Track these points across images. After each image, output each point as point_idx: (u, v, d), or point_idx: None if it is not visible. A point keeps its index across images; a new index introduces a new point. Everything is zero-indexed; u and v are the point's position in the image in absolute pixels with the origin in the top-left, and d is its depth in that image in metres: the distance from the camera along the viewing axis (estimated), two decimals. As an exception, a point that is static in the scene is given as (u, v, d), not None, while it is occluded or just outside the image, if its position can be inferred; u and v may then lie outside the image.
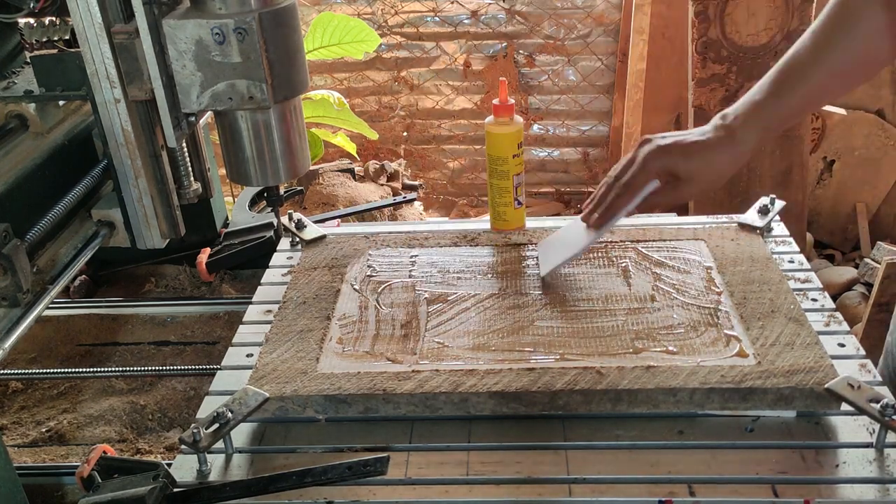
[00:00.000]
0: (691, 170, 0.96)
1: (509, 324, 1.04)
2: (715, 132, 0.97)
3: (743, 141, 0.95)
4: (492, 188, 1.25)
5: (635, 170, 0.98)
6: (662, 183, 0.98)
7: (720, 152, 0.96)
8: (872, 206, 2.65)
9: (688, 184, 0.98)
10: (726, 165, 0.97)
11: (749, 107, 0.96)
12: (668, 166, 0.97)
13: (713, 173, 0.98)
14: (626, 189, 0.99)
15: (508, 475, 0.86)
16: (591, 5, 2.88)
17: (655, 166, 0.97)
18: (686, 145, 0.96)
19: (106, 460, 0.93)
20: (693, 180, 0.97)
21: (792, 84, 0.95)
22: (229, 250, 1.64)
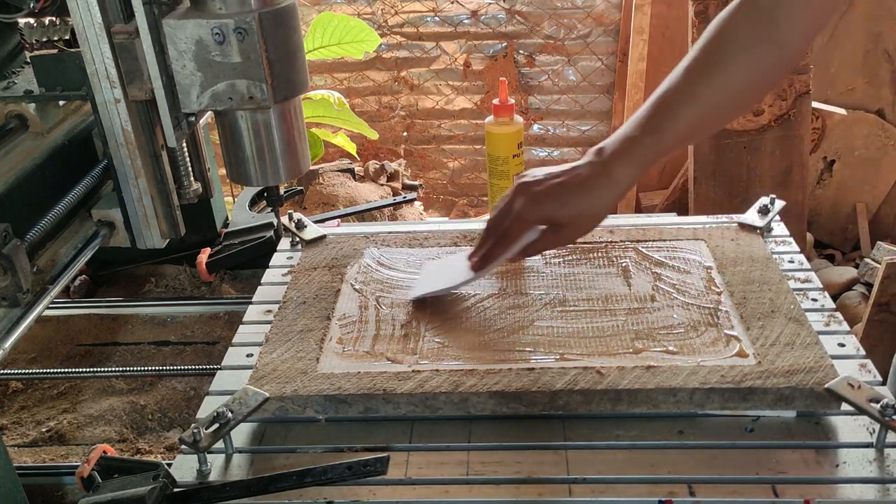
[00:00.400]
0: (570, 215, 0.95)
1: (509, 324, 1.04)
2: (591, 170, 0.94)
3: (619, 179, 0.93)
4: (492, 188, 1.25)
5: (512, 220, 0.97)
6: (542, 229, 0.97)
7: (597, 193, 0.94)
8: (872, 206, 2.65)
9: (568, 228, 0.96)
10: (604, 205, 0.95)
11: (623, 143, 0.93)
12: (545, 215, 0.95)
13: (592, 215, 0.96)
14: (504, 238, 0.98)
15: (508, 475, 0.86)
16: (591, 5, 2.88)
17: (532, 217, 0.96)
18: (562, 190, 0.94)
19: (106, 460, 0.93)
20: (572, 224, 0.96)
21: (666, 120, 0.92)
22: (229, 250, 1.64)
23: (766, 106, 2.27)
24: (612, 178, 0.93)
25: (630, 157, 0.93)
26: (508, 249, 0.98)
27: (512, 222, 0.96)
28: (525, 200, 0.95)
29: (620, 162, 0.93)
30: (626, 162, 0.93)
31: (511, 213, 0.97)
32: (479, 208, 3.19)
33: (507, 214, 0.97)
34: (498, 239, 0.99)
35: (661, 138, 0.92)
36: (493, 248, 1.00)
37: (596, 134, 3.07)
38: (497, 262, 1.01)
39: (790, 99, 2.26)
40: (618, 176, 0.93)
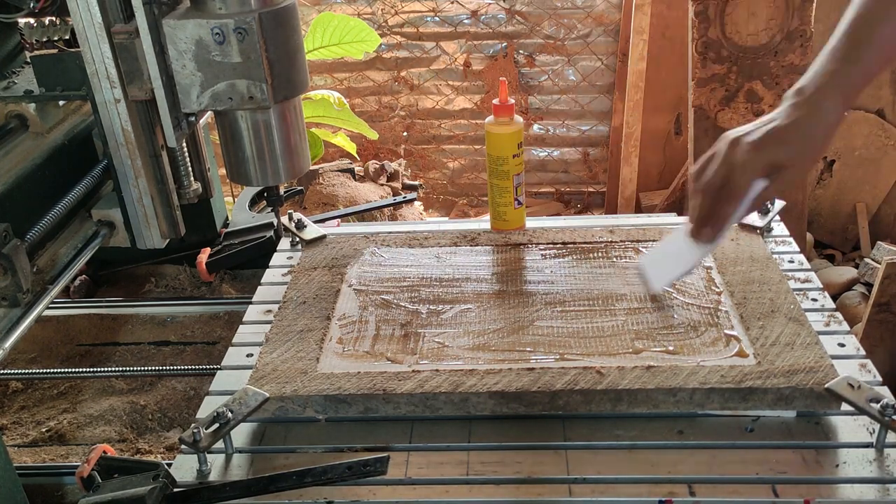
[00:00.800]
0: (793, 155, 0.91)
1: (509, 324, 1.04)
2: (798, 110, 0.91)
3: (829, 111, 0.90)
4: (492, 188, 1.25)
5: (736, 173, 0.91)
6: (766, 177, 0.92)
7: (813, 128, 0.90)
8: (872, 206, 2.65)
9: (792, 170, 0.91)
10: (822, 140, 0.91)
11: (824, 77, 0.91)
12: (769, 160, 0.91)
13: (813, 151, 0.92)
14: (731, 195, 0.92)
15: (508, 475, 0.86)
16: (591, 5, 2.88)
17: (757, 165, 0.91)
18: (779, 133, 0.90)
19: (106, 460, 0.93)
20: (797, 165, 0.92)
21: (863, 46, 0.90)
22: (229, 250, 1.64)
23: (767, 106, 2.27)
24: (822, 112, 0.90)
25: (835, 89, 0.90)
26: (738, 207, 0.92)
27: (737, 176, 0.91)
28: (746, 150, 0.91)
29: (825, 96, 0.90)
30: (832, 95, 0.90)
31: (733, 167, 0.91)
32: (479, 208, 3.19)
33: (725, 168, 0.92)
34: (724, 198, 0.93)
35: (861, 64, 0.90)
36: (723, 209, 0.93)
37: (596, 134, 3.07)
38: (730, 222, 0.94)
39: (790, 99, 2.25)
40: (827, 110, 0.90)
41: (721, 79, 2.24)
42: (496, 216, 1.27)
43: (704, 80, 2.24)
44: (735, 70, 2.24)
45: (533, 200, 3.13)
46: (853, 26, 0.91)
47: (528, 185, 2.97)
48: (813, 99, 0.90)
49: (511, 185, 1.24)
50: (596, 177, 3.13)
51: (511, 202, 1.25)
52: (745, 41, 2.19)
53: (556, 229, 1.24)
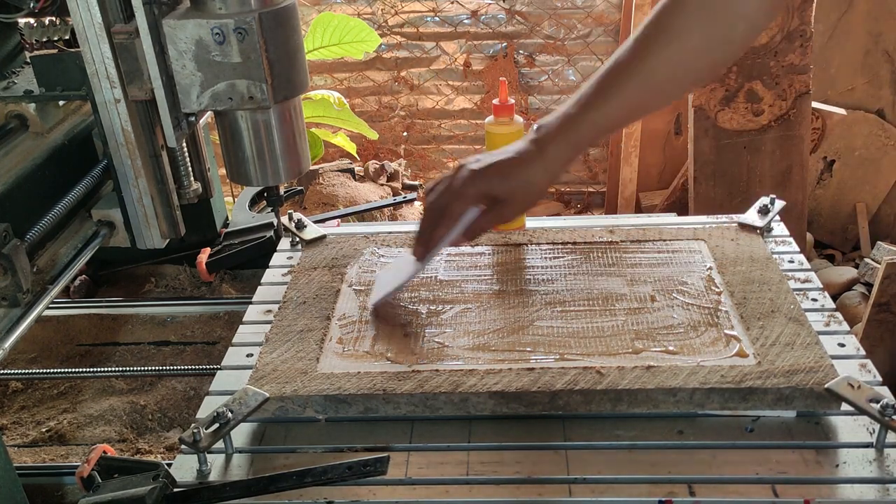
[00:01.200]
0: (509, 190, 0.93)
1: (509, 324, 1.04)
2: (527, 147, 0.94)
3: (554, 157, 0.92)
4: (492, 188, 1.25)
5: (452, 198, 0.95)
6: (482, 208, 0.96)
7: (534, 169, 0.93)
8: (872, 206, 2.65)
9: (508, 204, 0.95)
10: (541, 182, 0.94)
11: (561, 120, 0.93)
12: (485, 190, 0.94)
13: (530, 191, 0.94)
14: (444, 219, 0.96)
15: (508, 475, 0.86)
16: (591, 5, 2.88)
17: (472, 192, 0.94)
18: (501, 166, 0.93)
19: (106, 460, 0.93)
20: (512, 200, 0.95)
21: (604, 98, 0.91)
22: (229, 250, 1.64)
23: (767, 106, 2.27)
24: (545, 155, 0.92)
25: (564, 135, 0.92)
26: (450, 230, 0.96)
27: (451, 200, 0.95)
28: (464, 178, 0.94)
29: (554, 140, 0.92)
30: (560, 140, 0.92)
31: (451, 191, 0.95)
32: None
33: (445, 194, 0.96)
34: (438, 221, 0.97)
35: (596, 117, 0.91)
36: (435, 231, 0.97)
37: (596, 134, 3.07)
38: (439, 245, 0.98)
39: (790, 99, 2.26)
40: (551, 154, 0.92)
41: (721, 79, 2.25)
42: (496, 216, 1.27)
43: (704, 80, 2.24)
44: (735, 70, 2.24)
45: (533, 200, 3.13)
46: (604, 76, 0.92)
47: (528, 185, 2.96)
48: (543, 140, 0.92)
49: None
50: (596, 177, 3.14)
51: (511, 202, 1.25)
52: (745, 41, 2.19)
53: (556, 229, 1.24)
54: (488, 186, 0.94)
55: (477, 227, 0.97)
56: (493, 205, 0.95)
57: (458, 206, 0.95)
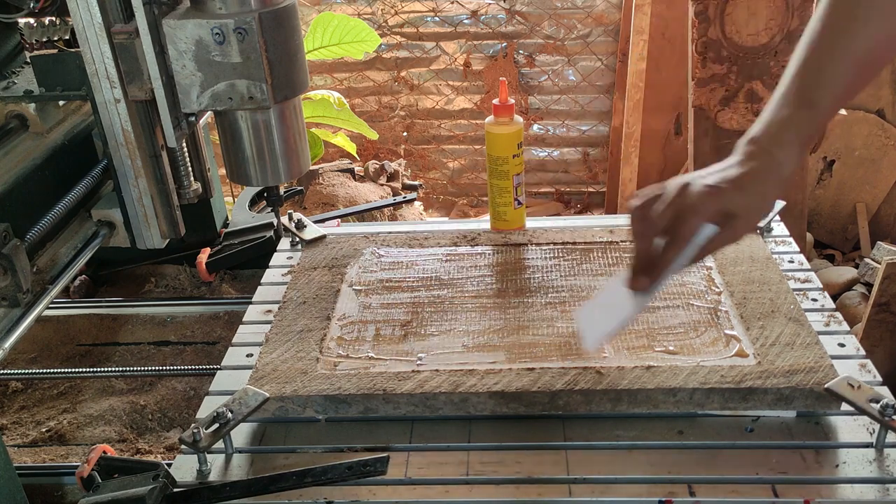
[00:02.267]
0: (747, 205, 0.85)
1: (509, 324, 1.04)
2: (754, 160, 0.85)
3: (785, 163, 0.85)
4: (492, 188, 1.25)
5: (686, 215, 0.84)
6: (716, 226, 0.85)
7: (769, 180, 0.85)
8: (872, 206, 2.65)
9: (743, 220, 0.85)
10: (775, 192, 0.86)
11: (778, 125, 0.86)
12: (723, 206, 0.84)
13: (765, 203, 0.86)
14: (676, 238, 0.84)
15: (508, 475, 0.86)
16: (591, 5, 2.88)
17: (710, 208, 0.83)
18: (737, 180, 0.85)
19: (106, 460, 0.93)
20: (748, 215, 0.86)
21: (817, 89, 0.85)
22: (229, 250, 1.64)
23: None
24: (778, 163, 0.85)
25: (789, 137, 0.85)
26: (682, 253, 0.84)
27: (686, 218, 0.84)
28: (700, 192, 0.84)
29: (781, 145, 0.85)
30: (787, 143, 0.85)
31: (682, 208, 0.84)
32: (479, 208, 3.19)
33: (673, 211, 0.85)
34: (668, 242, 0.85)
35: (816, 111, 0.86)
36: (664, 255, 0.85)
37: (596, 134, 3.07)
38: (670, 271, 0.85)
39: (790, 99, 2.25)
40: (783, 160, 0.85)
41: (721, 79, 2.25)
42: (496, 216, 1.27)
43: (704, 80, 2.24)
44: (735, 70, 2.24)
45: (533, 200, 3.14)
46: (802, 69, 0.86)
47: (528, 185, 2.97)
48: (768, 149, 0.86)
49: (511, 185, 1.24)
50: (596, 177, 3.14)
51: (511, 202, 1.25)
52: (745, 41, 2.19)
53: (556, 229, 1.24)
54: (729, 202, 0.84)
55: (710, 247, 0.86)
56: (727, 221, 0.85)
57: (693, 224, 0.84)
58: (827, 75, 0.85)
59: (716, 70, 2.23)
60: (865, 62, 0.86)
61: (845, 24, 0.85)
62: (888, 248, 2.26)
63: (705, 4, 2.16)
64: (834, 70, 0.85)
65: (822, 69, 0.85)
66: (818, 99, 0.85)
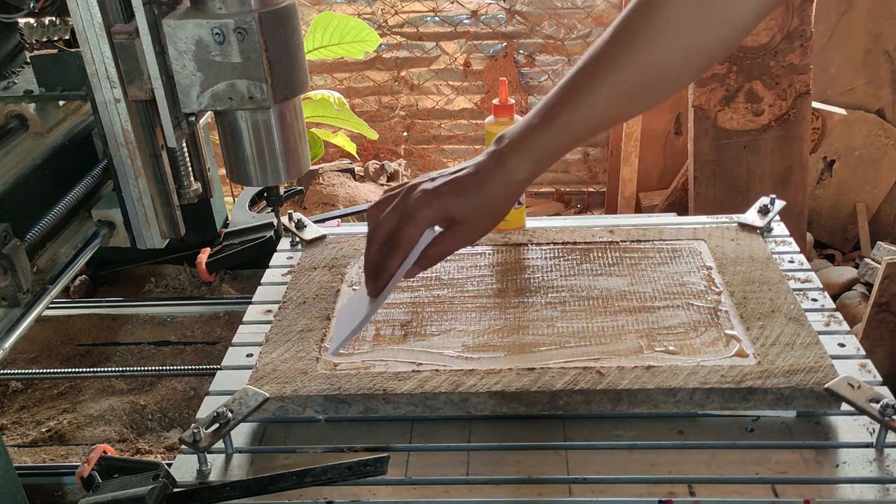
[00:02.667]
0: (467, 209, 0.83)
1: (509, 324, 1.04)
2: (486, 161, 0.84)
3: (513, 171, 0.83)
4: (492, 188, 1.25)
5: (404, 223, 0.83)
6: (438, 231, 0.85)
7: (494, 185, 0.83)
8: (872, 206, 2.65)
9: (465, 225, 0.84)
10: (502, 199, 0.84)
11: (523, 132, 0.83)
12: (440, 211, 0.83)
13: (490, 209, 0.84)
14: (396, 247, 0.84)
15: (508, 475, 0.86)
16: (591, 5, 2.88)
17: (427, 214, 0.82)
18: (457, 183, 0.83)
19: (106, 460, 0.93)
20: (471, 220, 0.84)
21: (570, 108, 0.81)
22: (229, 250, 1.64)
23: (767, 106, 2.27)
24: (506, 169, 0.83)
25: (527, 148, 0.83)
26: (402, 259, 0.85)
27: (403, 225, 0.83)
28: (419, 197, 0.83)
29: (516, 153, 0.83)
30: (523, 153, 0.83)
31: (402, 214, 0.84)
32: (479, 208, 3.19)
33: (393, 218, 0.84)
34: (389, 249, 0.85)
35: (561, 128, 0.82)
36: (387, 261, 0.85)
37: (596, 134, 3.08)
38: (395, 278, 0.86)
39: (790, 99, 2.26)
40: (512, 168, 0.83)
41: (721, 79, 2.25)
42: (496, 216, 1.27)
43: (704, 80, 2.24)
44: (735, 70, 2.24)
45: (533, 200, 3.13)
46: (566, 86, 0.83)
47: (528, 185, 2.96)
48: (502, 153, 0.83)
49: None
50: (596, 177, 3.14)
51: (511, 202, 1.25)
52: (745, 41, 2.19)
53: (556, 229, 1.24)
54: (443, 206, 0.83)
55: (434, 253, 0.85)
56: (450, 227, 0.85)
57: (412, 230, 0.83)
58: (584, 101, 0.82)
59: (716, 70, 2.23)
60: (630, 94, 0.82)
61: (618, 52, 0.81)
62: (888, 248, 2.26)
63: (705, 4, 2.16)
64: (594, 98, 0.82)
65: (581, 94, 0.82)
66: (569, 121, 0.82)
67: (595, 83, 0.81)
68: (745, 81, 2.24)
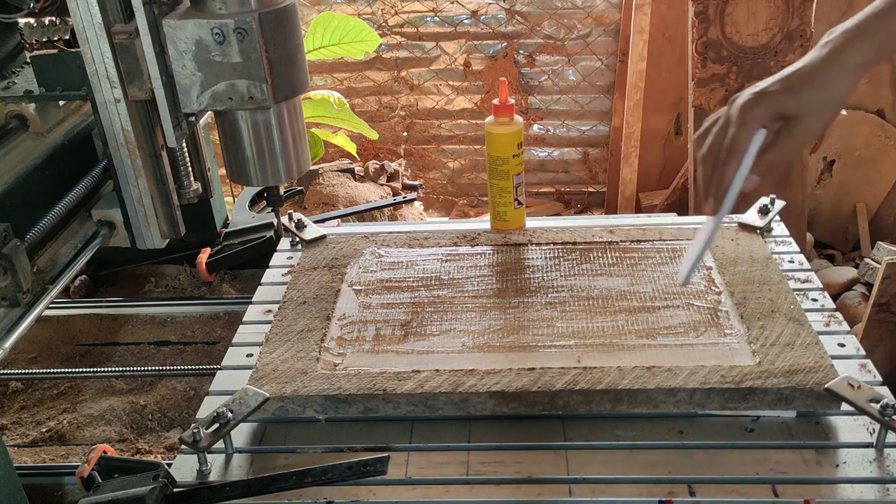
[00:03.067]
0: (802, 101, 0.79)
1: (509, 324, 1.04)
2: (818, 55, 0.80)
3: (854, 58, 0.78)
4: (492, 188, 1.25)
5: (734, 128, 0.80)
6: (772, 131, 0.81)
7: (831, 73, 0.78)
8: (872, 206, 2.65)
9: (802, 120, 0.79)
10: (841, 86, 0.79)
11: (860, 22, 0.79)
12: (772, 109, 0.79)
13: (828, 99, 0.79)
14: (730, 154, 0.80)
15: (508, 475, 0.86)
16: (591, 5, 2.88)
17: (757, 115, 0.79)
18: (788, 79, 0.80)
19: (106, 460, 0.93)
20: (808, 115, 0.79)
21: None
22: (229, 250, 1.64)
23: (766, 106, 2.27)
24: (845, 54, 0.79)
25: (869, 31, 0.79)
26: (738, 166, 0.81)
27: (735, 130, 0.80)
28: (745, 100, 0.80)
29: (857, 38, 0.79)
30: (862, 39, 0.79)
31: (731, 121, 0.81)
32: (479, 208, 3.19)
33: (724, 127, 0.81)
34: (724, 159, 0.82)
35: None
36: (722, 171, 0.82)
37: (596, 134, 3.07)
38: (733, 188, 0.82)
39: (790, 99, 2.25)
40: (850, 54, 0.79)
41: (721, 79, 2.25)
42: (496, 216, 1.27)
43: (704, 80, 2.24)
44: (735, 70, 2.24)
45: (533, 200, 3.13)
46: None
47: (528, 185, 2.97)
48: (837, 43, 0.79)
49: (511, 185, 1.24)
50: (596, 177, 3.13)
51: (511, 202, 1.25)
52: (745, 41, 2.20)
53: (556, 229, 1.24)
54: (777, 104, 0.79)
55: (772, 157, 0.81)
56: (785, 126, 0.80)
57: (744, 134, 0.80)
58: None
59: (716, 70, 2.23)
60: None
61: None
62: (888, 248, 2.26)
63: (705, 4, 2.17)
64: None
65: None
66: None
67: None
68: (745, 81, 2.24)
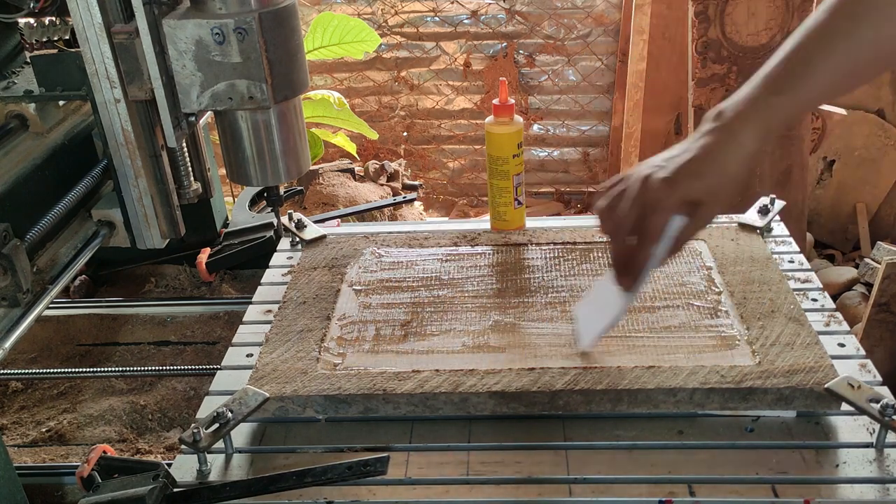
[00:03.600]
0: (711, 189, 0.83)
1: (509, 324, 1.04)
2: (712, 136, 0.84)
3: (747, 142, 0.82)
4: (492, 188, 1.25)
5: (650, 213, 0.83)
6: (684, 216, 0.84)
7: (730, 161, 0.83)
8: (872, 206, 2.65)
9: (709, 205, 0.84)
10: (739, 169, 0.83)
11: (746, 104, 0.83)
12: (684, 195, 0.83)
13: (732, 185, 0.84)
14: (647, 237, 0.84)
15: (508, 475, 0.86)
16: (591, 5, 2.88)
17: (672, 202, 0.83)
18: (692, 165, 0.83)
19: (106, 460, 0.93)
20: (715, 199, 0.84)
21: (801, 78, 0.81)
22: (229, 250, 1.64)
23: (766, 106, 2.27)
24: (738, 141, 0.82)
25: (756, 116, 0.82)
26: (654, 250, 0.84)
27: (652, 216, 0.83)
28: (658, 186, 0.83)
29: (744, 124, 0.82)
30: (752, 121, 0.82)
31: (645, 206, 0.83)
32: (479, 208, 3.19)
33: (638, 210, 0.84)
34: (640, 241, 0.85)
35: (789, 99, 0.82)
36: (637, 254, 0.86)
37: (596, 134, 3.07)
38: (648, 268, 0.86)
39: (790, 99, 2.25)
40: (743, 139, 0.82)
41: (721, 79, 2.25)
42: (496, 216, 1.27)
43: (704, 80, 2.24)
44: (735, 70, 2.24)
45: (533, 200, 3.13)
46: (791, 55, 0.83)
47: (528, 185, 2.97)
48: (729, 125, 0.83)
49: (511, 185, 1.24)
50: (596, 177, 3.14)
51: (511, 202, 1.25)
52: (745, 41, 2.20)
53: (556, 229, 1.24)
54: (686, 192, 0.83)
55: (683, 237, 0.85)
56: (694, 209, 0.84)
57: (659, 219, 0.83)
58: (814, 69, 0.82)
59: (716, 70, 2.23)
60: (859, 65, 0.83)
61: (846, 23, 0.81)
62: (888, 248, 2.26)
63: (705, 4, 2.17)
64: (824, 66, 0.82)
65: (811, 62, 0.82)
66: (799, 89, 0.82)
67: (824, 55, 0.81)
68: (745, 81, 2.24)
